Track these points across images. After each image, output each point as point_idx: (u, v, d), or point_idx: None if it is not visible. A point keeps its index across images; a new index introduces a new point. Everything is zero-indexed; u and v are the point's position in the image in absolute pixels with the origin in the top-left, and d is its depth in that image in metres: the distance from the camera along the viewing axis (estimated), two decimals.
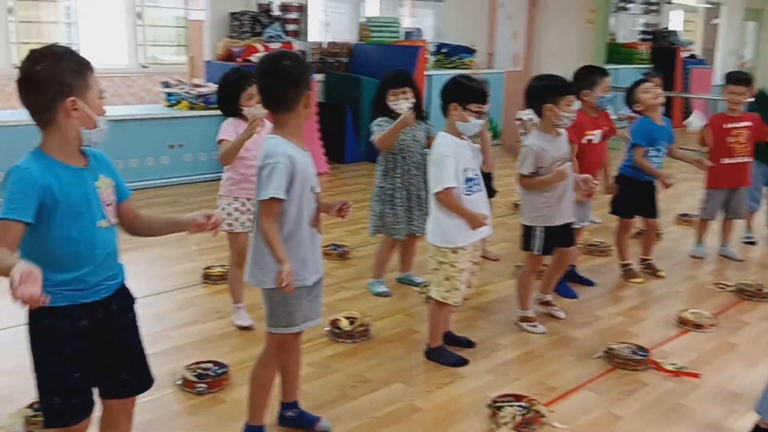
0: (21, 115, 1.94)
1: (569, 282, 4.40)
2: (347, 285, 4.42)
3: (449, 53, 9.63)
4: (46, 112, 1.89)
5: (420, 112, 4.03)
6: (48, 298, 1.65)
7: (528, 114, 4.80)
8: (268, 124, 3.43)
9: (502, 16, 10.47)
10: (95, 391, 2.11)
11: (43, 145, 1.92)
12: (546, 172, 3.55)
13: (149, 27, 9.25)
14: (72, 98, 1.88)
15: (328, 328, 3.65)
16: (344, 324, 3.66)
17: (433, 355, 3.42)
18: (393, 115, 3.97)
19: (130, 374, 2.14)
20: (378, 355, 3.48)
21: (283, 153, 2.38)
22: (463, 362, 3.41)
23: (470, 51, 9.74)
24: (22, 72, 1.88)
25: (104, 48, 8.84)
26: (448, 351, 3.45)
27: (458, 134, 3.22)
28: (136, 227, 2.16)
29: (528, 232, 3.70)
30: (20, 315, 3.73)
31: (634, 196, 4.53)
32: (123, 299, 2.10)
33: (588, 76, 4.25)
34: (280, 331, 2.54)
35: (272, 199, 2.35)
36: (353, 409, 2.99)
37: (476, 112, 3.18)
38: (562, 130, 3.69)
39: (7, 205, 1.81)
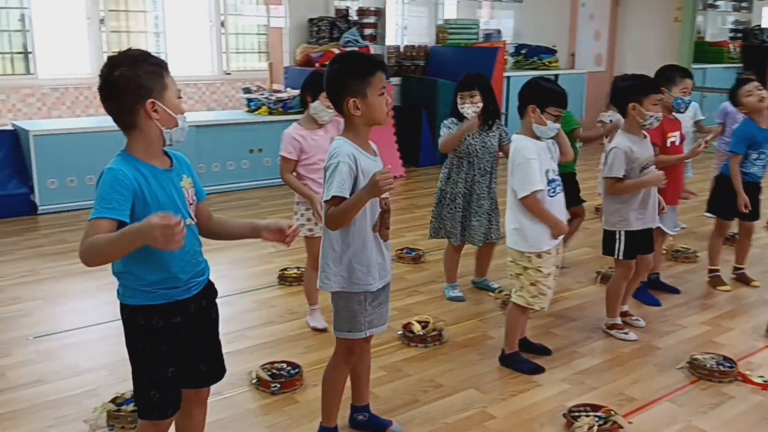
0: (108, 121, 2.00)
1: (652, 289, 4.24)
2: (420, 289, 4.41)
3: (529, 54, 9.49)
4: (127, 115, 1.94)
5: (490, 118, 3.97)
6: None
7: (610, 116, 4.67)
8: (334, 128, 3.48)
9: (583, 16, 10.25)
10: None
11: (128, 148, 1.98)
12: (631, 174, 3.46)
13: (232, 35, 9.51)
14: (151, 100, 1.92)
15: (401, 332, 3.65)
16: (417, 328, 3.64)
17: (508, 361, 3.37)
18: (463, 118, 3.94)
19: (208, 365, 2.20)
20: (451, 360, 3.44)
21: (345, 153, 2.36)
22: (538, 370, 3.33)
23: (551, 51, 9.57)
24: (102, 78, 1.94)
25: (190, 56, 9.14)
26: (523, 358, 3.38)
27: (535, 136, 3.16)
28: (210, 229, 2.20)
29: (610, 236, 3.60)
30: (105, 314, 3.91)
31: (736, 196, 4.28)
32: (210, 294, 2.17)
33: (667, 74, 4.07)
34: (344, 336, 2.54)
35: (334, 197, 2.34)
36: (424, 414, 2.96)
37: (554, 115, 3.12)
38: (647, 132, 3.57)
39: (103, 205, 1.85)
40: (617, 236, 3.57)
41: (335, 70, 2.42)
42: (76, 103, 8.39)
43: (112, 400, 2.87)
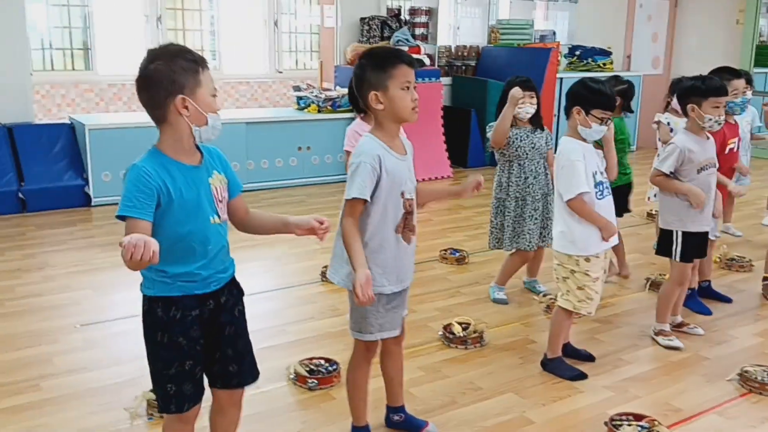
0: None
1: (702, 297, 4.11)
2: (463, 290, 4.36)
3: (583, 55, 9.32)
4: (158, 109, 1.95)
5: (539, 119, 3.96)
6: (156, 257, 1.68)
7: (666, 117, 4.55)
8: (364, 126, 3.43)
9: (641, 17, 10.01)
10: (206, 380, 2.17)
11: (159, 143, 1.99)
12: (687, 174, 3.38)
13: (285, 34, 9.60)
14: (182, 96, 1.92)
15: (441, 333, 3.61)
16: (457, 329, 3.59)
17: (551, 366, 3.30)
18: (514, 119, 3.89)
19: (237, 366, 2.18)
20: (491, 363, 3.39)
21: (369, 152, 2.32)
22: (581, 376, 3.25)
23: (606, 53, 9.38)
24: (140, 71, 1.95)
25: (243, 54, 9.26)
26: (566, 363, 3.31)
27: (581, 138, 3.09)
28: (246, 224, 2.20)
29: (667, 236, 3.51)
30: None
31: None
32: (233, 292, 2.15)
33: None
34: (356, 336, 2.52)
35: (354, 199, 2.32)
36: (462, 416, 2.92)
37: (600, 118, 3.04)
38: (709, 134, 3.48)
39: (125, 203, 1.88)
40: (674, 237, 3.47)
41: (359, 64, 2.39)
42: (133, 98, 8.56)
43: (152, 390, 2.91)
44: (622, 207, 4.19)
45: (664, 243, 3.55)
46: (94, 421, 2.82)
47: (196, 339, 2.07)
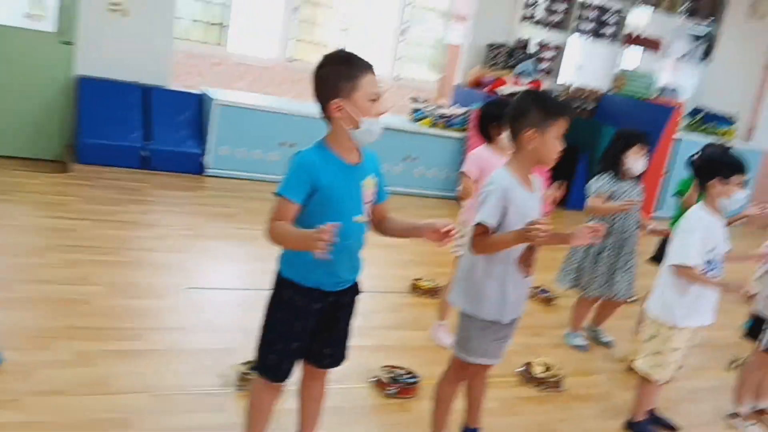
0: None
1: None
2: (547, 332, 4.37)
3: (705, 118, 9.09)
4: (322, 109, 2.15)
5: (642, 175, 4.03)
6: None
7: None
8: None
9: None
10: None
11: (325, 138, 2.18)
12: None
13: (409, 44, 9.78)
14: (336, 100, 2.09)
15: (521, 369, 3.64)
16: (538, 370, 3.62)
17: (636, 428, 3.28)
18: (622, 171, 3.93)
19: (332, 351, 2.35)
20: (568, 410, 3.41)
21: (498, 183, 2.43)
22: None
23: (729, 121, 9.11)
24: (313, 72, 2.15)
25: (368, 56, 9.49)
26: (652, 428, 3.29)
27: (717, 209, 3.06)
28: (382, 227, 2.34)
29: (759, 322, 3.44)
30: (254, 281, 4.17)
31: None
32: (353, 292, 2.32)
33: None
34: (457, 353, 2.61)
35: (480, 224, 2.40)
36: None
37: (739, 184, 3.02)
38: None
39: (285, 183, 2.09)
40: (766, 325, 3.40)
41: (525, 98, 2.49)
42: (257, 80, 8.93)
43: (244, 363, 3.07)
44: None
45: (755, 327, 3.47)
46: (188, 380, 3.02)
47: (309, 327, 2.23)
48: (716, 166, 3.06)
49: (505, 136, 3.56)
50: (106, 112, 6.07)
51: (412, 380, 3.29)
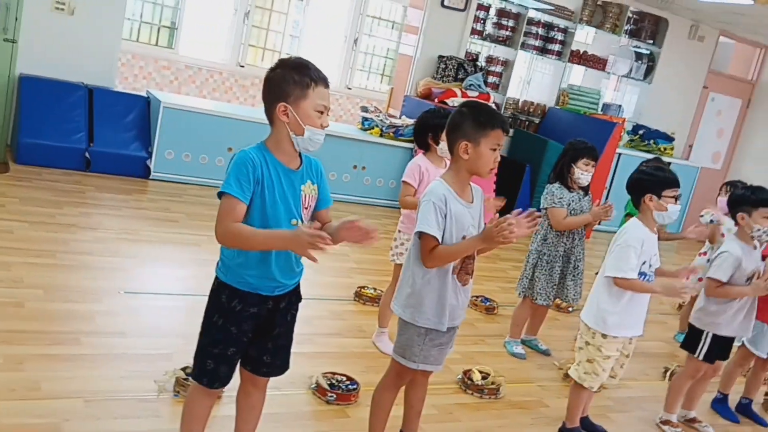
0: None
1: (740, 414, 4.05)
2: (487, 340, 4.44)
3: (646, 136, 9.37)
4: (267, 110, 2.17)
5: (589, 186, 4.19)
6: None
7: (710, 215, 4.64)
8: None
9: (710, 111, 10.05)
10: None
11: (267, 140, 2.19)
12: (735, 282, 3.45)
13: (360, 53, 9.85)
14: (284, 103, 2.11)
15: (460, 377, 3.70)
16: (477, 377, 3.68)
17: None
18: (570, 182, 4.07)
19: (271, 359, 2.33)
20: (504, 417, 3.47)
21: (436, 193, 2.47)
22: None
23: (669, 138, 9.41)
24: (267, 73, 2.17)
25: (319, 65, 9.51)
26: None
27: (652, 226, 3.16)
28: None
29: (696, 334, 3.57)
30: (193, 287, 4.12)
31: None
32: (293, 298, 2.31)
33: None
34: (397, 359, 2.63)
35: (427, 236, 2.44)
36: None
37: (672, 197, 3.11)
38: (758, 244, 3.53)
39: (229, 182, 2.07)
40: (703, 336, 3.53)
41: (461, 112, 2.53)
42: (205, 84, 8.87)
43: (183, 369, 3.04)
44: None
45: (691, 339, 3.59)
46: (124, 385, 2.97)
47: (246, 332, 2.22)
48: (648, 183, 3.15)
49: (443, 145, 3.64)
50: (49, 112, 5.94)
51: (351, 387, 3.31)
